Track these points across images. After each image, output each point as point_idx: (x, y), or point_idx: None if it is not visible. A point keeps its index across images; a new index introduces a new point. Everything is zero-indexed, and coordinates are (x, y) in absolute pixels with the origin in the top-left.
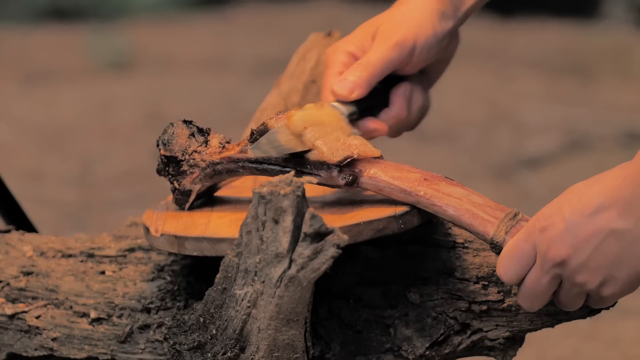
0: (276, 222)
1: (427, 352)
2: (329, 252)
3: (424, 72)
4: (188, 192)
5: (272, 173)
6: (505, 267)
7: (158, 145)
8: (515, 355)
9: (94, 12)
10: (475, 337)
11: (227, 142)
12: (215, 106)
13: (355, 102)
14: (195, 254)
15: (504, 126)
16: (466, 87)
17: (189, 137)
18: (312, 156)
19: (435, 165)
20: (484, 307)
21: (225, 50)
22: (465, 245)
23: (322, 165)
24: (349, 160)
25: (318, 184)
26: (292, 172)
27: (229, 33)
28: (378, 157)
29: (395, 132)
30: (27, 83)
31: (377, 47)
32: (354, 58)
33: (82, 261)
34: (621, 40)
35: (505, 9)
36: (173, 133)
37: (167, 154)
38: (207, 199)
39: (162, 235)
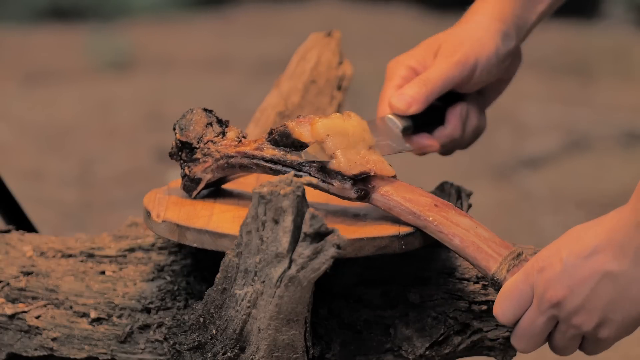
0: (276, 222)
1: (427, 352)
2: (329, 252)
3: (481, 92)
4: (198, 180)
5: (284, 174)
6: (503, 307)
7: (174, 129)
8: (515, 355)
9: (94, 12)
10: (475, 337)
11: (244, 137)
12: (215, 106)
13: (411, 117)
14: (195, 245)
15: (504, 126)
16: None
17: (206, 126)
18: (330, 165)
19: (436, 165)
20: (484, 307)
21: (225, 50)
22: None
23: (337, 175)
24: (364, 175)
25: (329, 193)
26: (292, 172)
27: (229, 33)
28: (392, 177)
29: (447, 150)
30: (27, 83)
31: (438, 64)
32: (415, 73)
33: (82, 261)
34: (621, 40)
35: None
36: (192, 119)
37: (183, 139)
38: (214, 190)
39: (163, 221)
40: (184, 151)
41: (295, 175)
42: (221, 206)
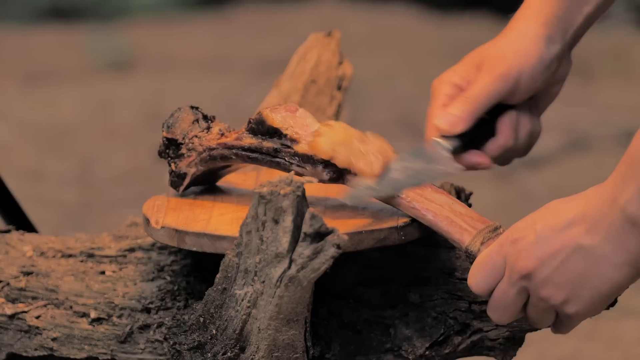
0: (276, 222)
1: (427, 352)
2: (329, 252)
3: (533, 98)
4: (183, 175)
5: (263, 162)
6: (476, 277)
7: (163, 127)
8: (515, 355)
9: (94, 12)
10: (475, 337)
11: (229, 130)
12: (215, 106)
13: (459, 136)
14: (194, 249)
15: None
16: None
17: (192, 123)
18: (300, 149)
19: None
20: (484, 307)
21: (225, 50)
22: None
23: (309, 159)
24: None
25: (304, 176)
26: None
27: (229, 33)
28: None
29: (504, 161)
30: (27, 83)
31: (481, 80)
32: (459, 89)
33: (82, 261)
34: (621, 40)
35: (505, 9)
36: (178, 117)
37: (169, 136)
38: (209, 189)
39: (162, 228)
40: (171, 148)
41: (272, 162)
42: (220, 209)
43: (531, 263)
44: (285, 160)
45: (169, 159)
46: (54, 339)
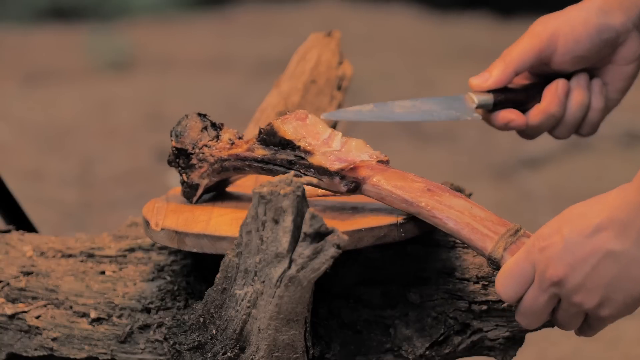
0: (276, 222)
1: (427, 352)
2: (329, 252)
3: (595, 71)
4: (196, 186)
5: (277, 174)
6: (505, 285)
7: (171, 136)
8: (515, 355)
9: (94, 12)
10: (475, 337)
11: (239, 138)
12: (215, 106)
13: (494, 94)
14: (194, 250)
15: None
16: (466, 87)
17: (201, 131)
18: (314, 161)
19: (435, 166)
20: (484, 307)
21: (225, 50)
22: (465, 245)
23: (325, 171)
24: (346, 169)
25: (322, 188)
26: (292, 172)
27: (229, 33)
28: (384, 162)
29: (561, 132)
30: (27, 83)
31: (519, 40)
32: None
33: (82, 261)
34: None
35: (505, 9)
36: (186, 125)
37: (179, 146)
38: (217, 194)
39: (162, 229)
40: (181, 158)
41: (286, 172)
42: (219, 210)
43: (562, 270)
44: (301, 172)
45: (180, 169)
46: (54, 339)
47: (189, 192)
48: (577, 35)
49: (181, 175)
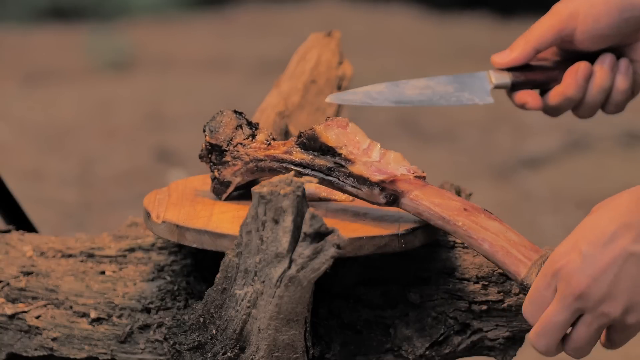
0: (276, 222)
1: (427, 352)
2: (329, 252)
3: (618, 52)
4: (227, 184)
5: (315, 177)
6: (530, 312)
7: (204, 131)
8: (515, 355)
9: (94, 12)
10: (475, 337)
11: (273, 139)
12: (215, 106)
13: (513, 74)
14: (194, 245)
15: (504, 126)
16: None
17: (236, 128)
18: (355, 170)
19: (435, 166)
20: (484, 307)
21: (225, 50)
22: (465, 245)
23: (365, 181)
24: (391, 179)
25: (358, 197)
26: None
27: (229, 33)
28: (422, 178)
29: (582, 113)
30: (27, 83)
31: (540, 19)
32: None
33: (82, 261)
34: None
35: (505, 9)
36: (221, 121)
37: (213, 141)
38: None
39: (163, 222)
40: (214, 154)
41: (324, 181)
42: (221, 207)
43: (584, 282)
44: (339, 180)
45: (211, 164)
46: (54, 339)
47: (219, 189)
48: (596, 13)
49: (212, 171)
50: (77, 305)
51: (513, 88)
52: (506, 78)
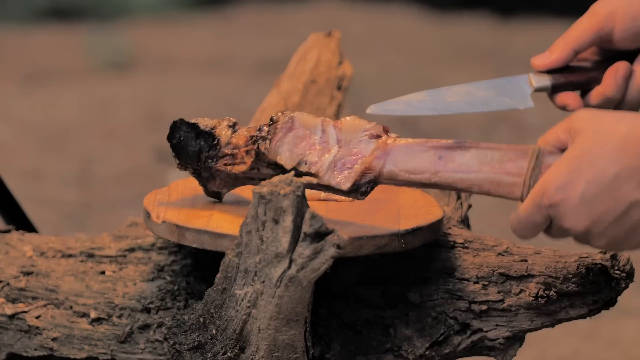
0: (276, 222)
1: (427, 352)
2: (329, 252)
3: None
4: (217, 193)
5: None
6: (520, 231)
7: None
8: (515, 355)
9: (94, 12)
10: (475, 337)
11: (234, 128)
12: (215, 106)
13: (553, 76)
14: (194, 245)
15: (504, 126)
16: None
17: (196, 140)
18: (324, 182)
19: None
20: (484, 307)
21: (225, 50)
22: (465, 245)
23: (338, 191)
24: (360, 175)
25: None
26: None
27: (229, 33)
28: (386, 133)
29: (625, 110)
30: (27, 83)
31: (579, 20)
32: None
33: (82, 261)
34: None
35: (505, 9)
36: (181, 138)
37: (181, 168)
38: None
39: (163, 222)
40: (190, 169)
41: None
42: (221, 207)
43: (582, 224)
44: (315, 188)
45: (200, 180)
46: (54, 339)
47: (215, 196)
48: (634, 11)
49: (201, 185)
50: (77, 305)
51: (553, 90)
52: (546, 80)
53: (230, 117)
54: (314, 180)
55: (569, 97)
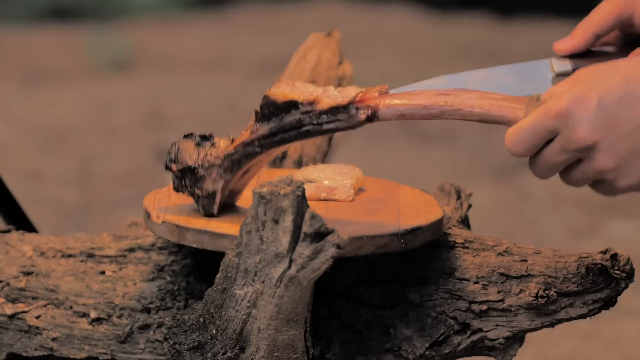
0: (276, 222)
1: (427, 352)
2: (329, 252)
3: None
4: (213, 194)
5: (290, 140)
6: (516, 141)
7: (167, 167)
8: (515, 355)
9: (94, 12)
10: (475, 337)
11: (233, 139)
12: (215, 106)
13: (574, 61)
14: (194, 245)
15: (504, 126)
16: None
17: (195, 147)
18: (324, 105)
19: (435, 166)
20: (484, 307)
21: (225, 50)
22: (465, 245)
23: (338, 110)
24: (360, 94)
25: (339, 130)
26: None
27: (229, 33)
28: (385, 92)
29: None
30: (27, 83)
31: (599, 5)
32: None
33: (82, 261)
34: None
35: (505, 9)
36: (179, 148)
37: (180, 167)
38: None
39: (163, 222)
40: (187, 177)
41: (300, 135)
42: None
43: (596, 134)
44: (314, 124)
45: (189, 189)
46: (54, 339)
47: (208, 204)
48: None
49: (193, 194)
50: (77, 305)
51: (565, 75)
52: (568, 65)
53: (230, 118)
54: (331, 125)
55: None
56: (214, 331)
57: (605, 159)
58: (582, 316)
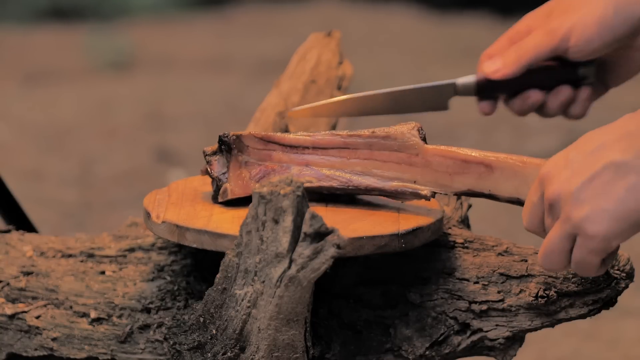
0: (276, 222)
1: (427, 352)
2: (329, 252)
3: (606, 65)
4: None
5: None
6: (524, 217)
7: (208, 173)
8: (515, 355)
9: (94, 12)
10: (475, 337)
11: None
12: (215, 106)
13: (504, 84)
14: (194, 245)
15: (504, 126)
16: None
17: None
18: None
19: None
20: (484, 307)
21: (225, 50)
22: (465, 245)
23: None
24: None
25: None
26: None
27: (229, 33)
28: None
29: (545, 114)
30: (27, 83)
31: (535, 32)
32: (529, 30)
33: (82, 261)
34: None
35: (505, 9)
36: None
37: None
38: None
39: (163, 222)
40: (224, 153)
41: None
42: (221, 207)
43: (559, 186)
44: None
45: (226, 156)
46: (54, 339)
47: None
48: (588, 35)
49: (229, 161)
50: (77, 305)
51: (478, 93)
52: (472, 78)
53: (230, 118)
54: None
55: (486, 105)
56: (214, 331)
57: (571, 207)
58: (582, 316)
